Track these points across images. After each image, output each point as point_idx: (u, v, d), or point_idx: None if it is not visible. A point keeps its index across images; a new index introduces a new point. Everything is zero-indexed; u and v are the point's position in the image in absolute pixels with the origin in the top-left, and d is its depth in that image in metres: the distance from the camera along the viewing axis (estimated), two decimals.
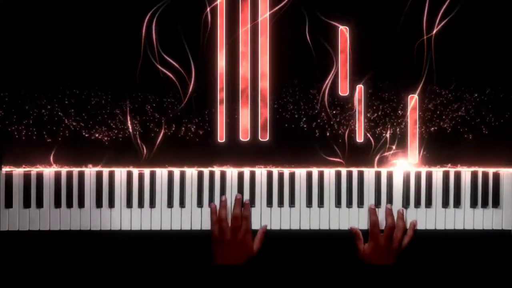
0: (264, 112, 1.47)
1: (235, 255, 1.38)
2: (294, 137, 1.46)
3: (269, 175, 1.45)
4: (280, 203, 1.44)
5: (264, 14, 1.45)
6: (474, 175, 1.45)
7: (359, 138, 1.46)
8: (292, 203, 1.44)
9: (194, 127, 1.46)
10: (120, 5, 1.44)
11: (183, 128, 1.45)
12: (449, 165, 1.45)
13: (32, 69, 1.44)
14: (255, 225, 1.43)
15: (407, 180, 1.45)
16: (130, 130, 1.44)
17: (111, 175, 1.44)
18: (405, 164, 1.46)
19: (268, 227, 1.44)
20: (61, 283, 1.48)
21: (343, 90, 1.46)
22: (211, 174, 1.44)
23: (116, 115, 1.44)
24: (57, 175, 1.43)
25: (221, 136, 1.46)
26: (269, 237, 1.43)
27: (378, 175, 1.45)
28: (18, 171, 1.43)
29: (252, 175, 1.45)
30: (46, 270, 1.48)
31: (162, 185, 1.44)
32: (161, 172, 1.44)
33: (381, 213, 1.43)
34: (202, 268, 1.41)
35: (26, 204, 1.42)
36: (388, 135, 1.46)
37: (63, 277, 1.48)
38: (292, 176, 1.45)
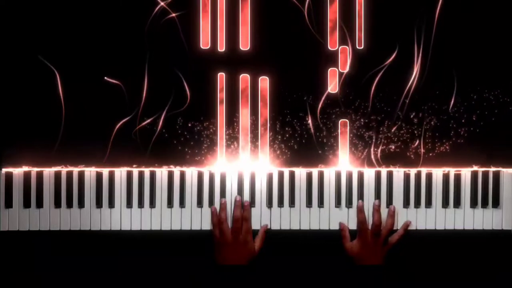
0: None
1: (237, 256, 1.38)
2: (293, 136, 1.46)
3: (269, 175, 1.45)
4: (280, 203, 1.44)
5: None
6: (474, 175, 1.45)
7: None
8: (292, 203, 1.44)
9: (194, 127, 1.46)
10: (120, 5, 1.43)
11: (182, 128, 1.45)
12: (449, 165, 1.45)
13: (32, 69, 1.43)
14: (255, 225, 1.44)
15: (407, 180, 1.45)
16: (129, 130, 1.44)
17: (111, 175, 1.44)
18: (404, 164, 1.46)
19: (268, 227, 1.44)
20: (61, 283, 1.48)
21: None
22: (211, 175, 1.44)
23: (115, 115, 1.44)
24: (57, 175, 1.43)
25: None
26: (269, 237, 1.44)
27: (378, 175, 1.45)
28: (18, 171, 1.43)
29: (252, 175, 1.45)
30: (46, 270, 1.48)
31: (162, 185, 1.44)
32: (161, 172, 1.44)
33: (382, 213, 1.43)
34: (204, 268, 1.41)
35: (26, 204, 1.42)
36: (388, 135, 1.46)
37: (63, 277, 1.48)
38: (292, 176, 1.45)
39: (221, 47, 1.45)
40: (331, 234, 1.44)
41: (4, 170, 1.42)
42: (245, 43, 1.45)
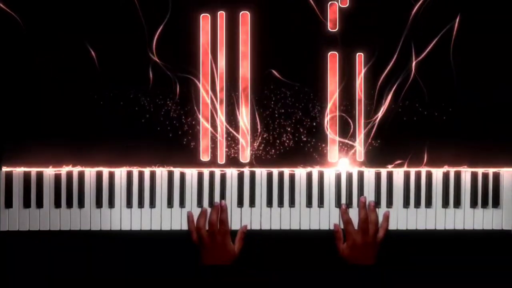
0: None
1: (218, 258, 1.39)
2: (293, 137, 1.46)
3: (269, 175, 1.45)
4: (280, 203, 1.44)
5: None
6: (474, 175, 1.45)
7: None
8: (292, 203, 1.44)
9: (194, 127, 1.46)
10: (120, 5, 1.44)
11: (182, 128, 1.45)
12: (449, 165, 1.45)
13: (31, 68, 1.43)
14: (255, 225, 1.44)
15: (407, 180, 1.45)
16: (130, 130, 1.44)
17: (111, 175, 1.44)
18: (404, 164, 1.46)
19: (268, 227, 1.44)
20: (61, 283, 1.48)
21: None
22: (211, 175, 1.44)
23: (115, 114, 1.44)
24: (57, 175, 1.43)
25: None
26: (269, 237, 1.44)
27: (378, 175, 1.45)
28: (18, 171, 1.43)
29: (252, 175, 1.45)
30: (46, 270, 1.48)
31: (162, 185, 1.44)
32: (161, 172, 1.44)
33: (380, 214, 1.43)
34: (204, 268, 1.41)
35: (26, 204, 1.42)
36: (388, 135, 1.46)
37: (63, 277, 1.48)
38: (292, 176, 1.45)
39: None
40: (331, 234, 1.44)
41: (4, 170, 1.42)
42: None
